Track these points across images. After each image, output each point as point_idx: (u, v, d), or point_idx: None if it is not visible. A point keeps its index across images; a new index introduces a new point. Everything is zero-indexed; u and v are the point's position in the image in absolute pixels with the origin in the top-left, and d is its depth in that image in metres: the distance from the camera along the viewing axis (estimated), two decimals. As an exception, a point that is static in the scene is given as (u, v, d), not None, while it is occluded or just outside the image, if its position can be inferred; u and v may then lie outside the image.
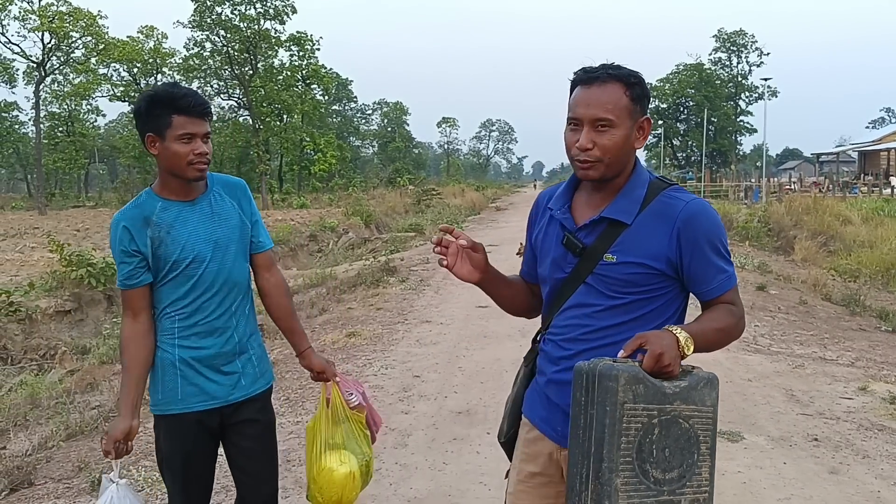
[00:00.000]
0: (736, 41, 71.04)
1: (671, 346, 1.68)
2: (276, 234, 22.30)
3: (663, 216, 1.91)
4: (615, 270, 1.91)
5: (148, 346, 2.43)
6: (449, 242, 2.08)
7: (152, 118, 2.38)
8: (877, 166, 51.82)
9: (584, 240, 1.96)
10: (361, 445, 2.77)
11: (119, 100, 51.51)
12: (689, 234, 1.88)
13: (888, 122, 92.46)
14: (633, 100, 1.90)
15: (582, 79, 1.93)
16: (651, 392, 1.64)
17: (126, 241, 2.38)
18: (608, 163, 1.90)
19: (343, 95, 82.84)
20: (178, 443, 2.48)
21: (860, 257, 15.54)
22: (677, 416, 1.66)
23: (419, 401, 5.62)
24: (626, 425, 1.62)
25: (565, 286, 2.01)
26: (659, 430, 1.65)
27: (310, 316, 9.51)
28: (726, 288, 1.92)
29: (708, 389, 1.71)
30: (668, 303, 1.95)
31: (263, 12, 46.07)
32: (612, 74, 1.90)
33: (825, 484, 4.03)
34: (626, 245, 1.91)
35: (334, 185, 51.68)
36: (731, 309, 1.92)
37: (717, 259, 1.91)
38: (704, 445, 1.71)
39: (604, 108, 1.87)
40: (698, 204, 1.92)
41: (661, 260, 1.89)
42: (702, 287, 1.93)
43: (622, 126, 1.89)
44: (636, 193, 1.95)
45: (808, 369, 6.50)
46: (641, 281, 1.91)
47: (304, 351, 2.72)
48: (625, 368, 1.63)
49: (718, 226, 1.93)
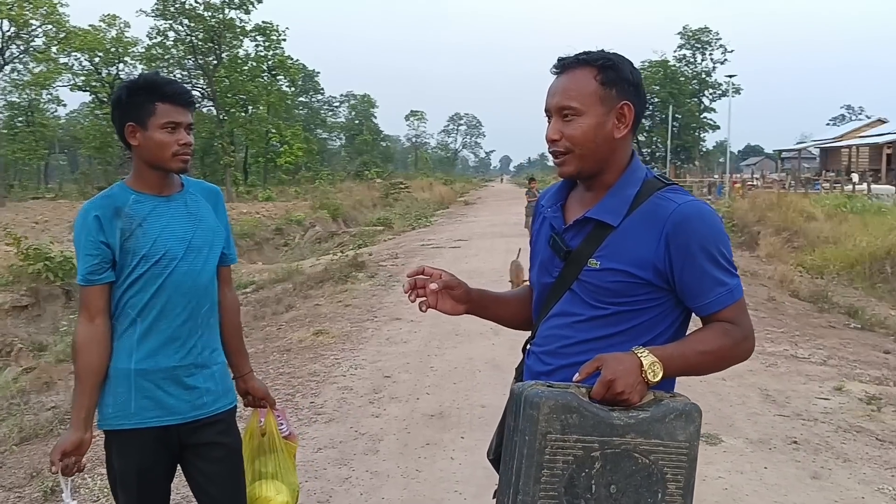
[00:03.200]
0: (700, 38, 71.67)
1: (629, 371, 1.54)
2: (241, 227, 22.01)
3: (652, 219, 1.71)
4: (598, 277, 1.73)
5: (104, 351, 2.22)
6: (423, 282, 1.92)
7: (134, 106, 2.22)
8: (838, 163, 52.67)
9: (569, 242, 1.80)
10: (291, 476, 2.62)
11: (80, 89, 50.39)
12: (679, 240, 1.67)
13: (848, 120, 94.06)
14: (605, 84, 1.73)
15: (556, 68, 1.79)
16: (590, 423, 1.50)
17: (95, 231, 2.18)
18: (580, 155, 1.74)
19: (310, 87, 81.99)
20: (132, 461, 2.27)
21: (825, 253, 15.68)
22: (630, 451, 1.51)
23: (390, 403, 5.45)
24: (550, 457, 1.49)
25: (551, 292, 1.84)
26: (602, 465, 1.51)
27: (276, 313, 9.30)
28: (726, 303, 1.69)
29: (681, 422, 1.54)
30: (659, 317, 1.74)
31: (228, 1, 45.50)
32: (582, 60, 1.75)
33: (808, 490, 3.94)
34: (611, 250, 1.72)
35: (301, 178, 51.10)
36: (726, 329, 1.69)
37: (715, 269, 1.68)
38: (674, 485, 1.54)
39: (567, 96, 1.73)
40: (693, 206, 1.70)
41: (647, 268, 1.69)
42: (697, 301, 1.71)
43: (591, 114, 1.72)
44: (626, 192, 1.76)
45: (782, 368, 6.46)
46: (626, 290, 1.71)
47: (246, 374, 2.55)
48: (552, 395, 1.50)
49: (717, 231, 1.71)
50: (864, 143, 50.94)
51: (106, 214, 2.21)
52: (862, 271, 14.23)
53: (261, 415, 2.61)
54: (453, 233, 19.60)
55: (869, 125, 59.01)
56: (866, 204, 23.45)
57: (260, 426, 2.60)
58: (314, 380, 6.10)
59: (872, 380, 6.08)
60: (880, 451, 4.52)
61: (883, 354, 7.20)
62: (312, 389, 5.83)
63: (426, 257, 13.89)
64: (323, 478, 4.15)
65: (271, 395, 2.62)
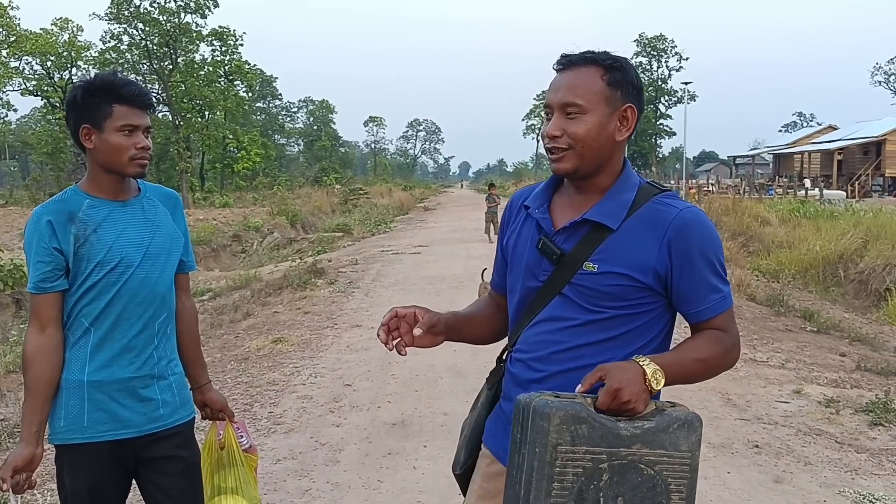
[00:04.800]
0: (657, 46, 72.83)
1: (633, 380, 1.51)
2: (198, 233, 21.67)
3: (654, 223, 1.70)
4: (596, 281, 1.70)
5: (56, 362, 2.12)
6: (396, 324, 1.86)
7: (89, 108, 2.12)
8: (791, 168, 53.83)
9: (562, 245, 1.75)
10: (252, 490, 2.53)
11: (31, 94, 49.23)
12: (681, 245, 1.68)
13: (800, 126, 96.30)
14: (612, 85, 1.71)
15: (559, 65, 1.76)
16: (598, 434, 1.47)
17: (47, 237, 2.09)
18: (581, 153, 1.71)
19: (267, 92, 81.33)
20: (85, 477, 2.16)
21: (780, 258, 15.94)
22: (636, 462, 1.49)
23: (351, 412, 5.36)
24: (561, 470, 1.46)
25: (538, 297, 1.79)
26: (609, 477, 1.48)
27: (233, 321, 9.12)
28: (719, 310, 1.72)
29: (684, 432, 1.52)
30: (652, 321, 1.75)
31: (184, 5, 45.03)
32: (588, 58, 1.73)
33: (771, 494, 3.95)
34: (610, 253, 1.70)
35: (259, 184, 50.54)
36: (719, 336, 1.71)
37: (712, 276, 1.70)
38: (678, 496, 1.52)
39: (573, 93, 1.70)
40: (694, 213, 1.72)
41: (648, 272, 1.68)
42: (692, 308, 1.72)
43: (596, 112, 1.70)
44: (624, 196, 1.74)
45: (742, 371, 6.50)
46: (625, 294, 1.70)
47: (204, 385, 2.47)
48: (562, 406, 1.47)
49: (715, 239, 1.73)
50: (815, 149, 52.18)
51: (59, 220, 2.11)
52: (816, 275, 14.49)
53: (219, 428, 2.52)
54: (413, 238, 19.51)
55: (820, 132, 60.54)
56: (819, 209, 23.92)
57: (219, 439, 2.51)
58: (273, 389, 5.98)
59: (830, 382, 6.15)
60: (840, 453, 4.56)
61: (839, 357, 7.30)
62: (271, 399, 5.71)
63: (386, 263, 13.79)
64: (283, 490, 4.05)
65: (230, 406, 2.54)
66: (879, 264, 13.64)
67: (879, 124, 48.93)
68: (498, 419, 1.91)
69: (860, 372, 6.59)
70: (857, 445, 4.70)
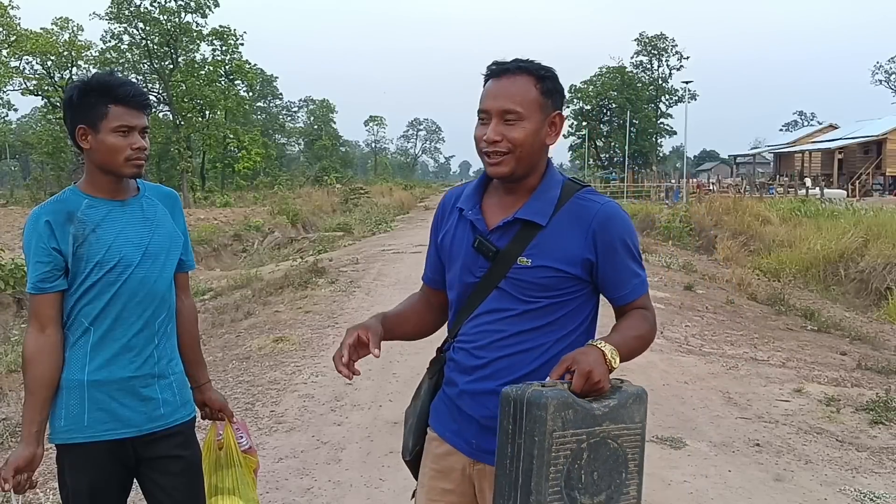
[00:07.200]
0: (657, 45, 72.70)
1: (598, 361, 1.64)
2: (199, 233, 21.65)
3: (579, 218, 1.86)
4: (530, 274, 1.84)
5: (56, 363, 2.12)
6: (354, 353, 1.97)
7: (85, 108, 2.12)
8: (791, 167, 53.84)
9: (496, 243, 1.88)
10: (250, 491, 2.53)
11: (32, 94, 49.10)
12: (605, 236, 1.84)
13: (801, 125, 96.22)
14: (544, 93, 1.84)
15: (493, 71, 1.87)
16: (580, 416, 1.58)
17: (46, 238, 2.09)
18: (518, 157, 1.83)
19: (268, 92, 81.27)
20: (85, 476, 2.17)
21: (780, 257, 15.97)
22: (606, 437, 1.62)
23: (352, 411, 5.36)
24: (555, 454, 1.57)
25: (476, 291, 1.92)
26: (588, 455, 1.60)
27: (234, 320, 9.13)
28: (640, 293, 1.90)
29: (637, 405, 1.66)
30: (580, 306, 1.90)
31: (184, 5, 45.00)
32: (522, 67, 1.85)
33: (772, 492, 3.96)
34: (542, 248, 1.85)
35: (259, 184, 50.56)
36: (645, 314, 1.90)
37: (632, 263, 1.88)
38: (633, 463, 1.66)
39: (512, 100, 1.81)
40: (613, 206, 1.90)
41: (576, 263, 1.85)
42: (616, 292, 1.89)
43: (532, 119, 1.82)
44: (550, 194, 1.89)
45: (742, 370, 6.51)
46: (556, 285, 1.85)
47: (204, 385, 2.48)
48: (554, 395, 1.57)
49: (632, 229, 1.92)
50: (816, 148, 52.18)
51: (58, 220, 2.11)
52: (816, 274, 14.52)
53: (219, 428, 2.52)
54: (414, 238, 19.50)
55: (821, 131, 60.50)
56: (819, 208, 23.96)
57: (218, 440, 2.51)
58: (274, 388, 5.98)
59: (830, 381, 6.16)
60: (840, 452, 4.57)
61: (839, 356, 7.31)
62: (273, 398, 5.72)
63: (387, 262, 13.79)
64: (284, 488, 4.06)
65: (229, 406, 2.54)
66: (880, 263, 13.66)
67: (880, 123, 48.95)
68: (442, 403, 2.03)
69: (861, 371, 6.61)
70: (857, 444, 4.71)
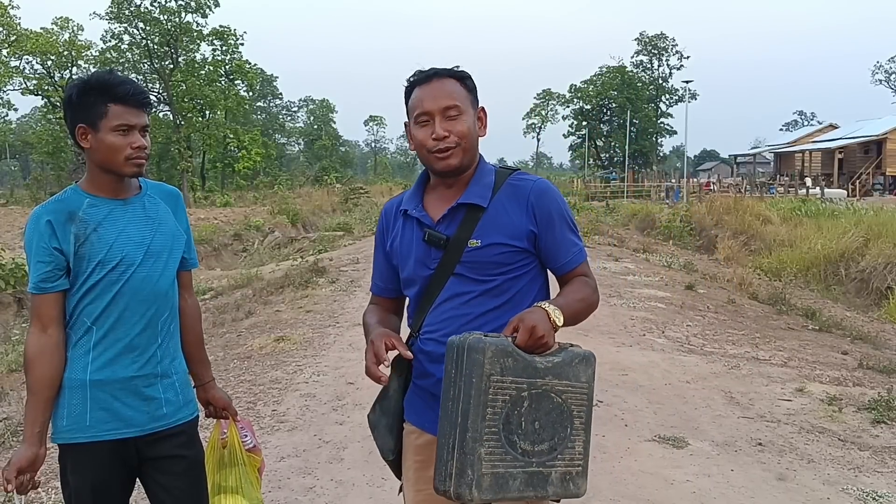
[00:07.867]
0: (657, 44, 72.72)
1: (542, 318, 1.77)
2: (199, 233, 21.66)
3: (516, 196, 2.02)
4: (481, 254, 1.98)
5: (58, 362, 2.11)
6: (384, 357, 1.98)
7: (85, 107, 2.11)
8: (791, 167, 53.82)
9: (444, 231, 2.02)
10: (254, 490, 2.52)
11: (32, 94, 49.09)
12: (541, 209, 2.00)
13: (801, 125, 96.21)
14: (469, 91, 2.05)
15: (419, 79, 2.04)
16: (521, 366, 1.71)
17: (47, 237, 2.08)
18: (465, 148, 1.99)
19: (268, 92, 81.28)
20: (88, 476, 2.16)
21: (781, 256, 15.97)
22: (549, 391, 1.74)
23: (354, 410, 5.36)
24: (493, 397, 1.69)
25: (434, 282, 2.04)
26: (528, 404, 1.73)
27: (235, 319, 9.13)
28: (579, 261, 2.04)
29: (583, 366, 1.80)
30: (531, 281, 2.04)
31: (185, 5, 45.01)
32: (444, 71, 2.04)
33: (775, 492, 3.95)
34: (487, 228, 1.99)
35: (259, 184, 50.53)
36: (586, 280, 2.03)
37: (569, 233, 2.03)
38: (578, 420, 1.79)
39: (451, 97, 1.99)
40: (545, 182, 2.07)
41: (522, 237, 1.99)
42: (558, 262, 2.03)
43: (468, 113, 2.01)
44: (486, 180, 2.05)
45: (744, 370, 6.51)
46: (507, 260, 1.99)
47: (207, 383, 2.47)
48: (493, 342, 1.70)
49: (564, 202, 2.07)
50: (816, 147, 52.16)
51: (59, 219, 2.10)
52: (817, 273, 14.52)
53: (223, 426, 2.51)
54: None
55: (821, 130, 60.50)
56: (820, 207, 23.97)
57: (222, 438, 2.50)
58: (276, 387, 5.98)
59: (832, 381, 6.15)
60: (843, 451, 4.57)
61: (841, 355, 7.31)
62: (274, 397, 5.71)
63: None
64: (287, 487, 4.05)
65: (233, 405, 2.53)
66: (881, 263, 13.66)
67: (880, 123, 48.95)
68: (416, 396, 2.12)
69: (862, 370, 6.60)
70: (859, 443, 4.71)
